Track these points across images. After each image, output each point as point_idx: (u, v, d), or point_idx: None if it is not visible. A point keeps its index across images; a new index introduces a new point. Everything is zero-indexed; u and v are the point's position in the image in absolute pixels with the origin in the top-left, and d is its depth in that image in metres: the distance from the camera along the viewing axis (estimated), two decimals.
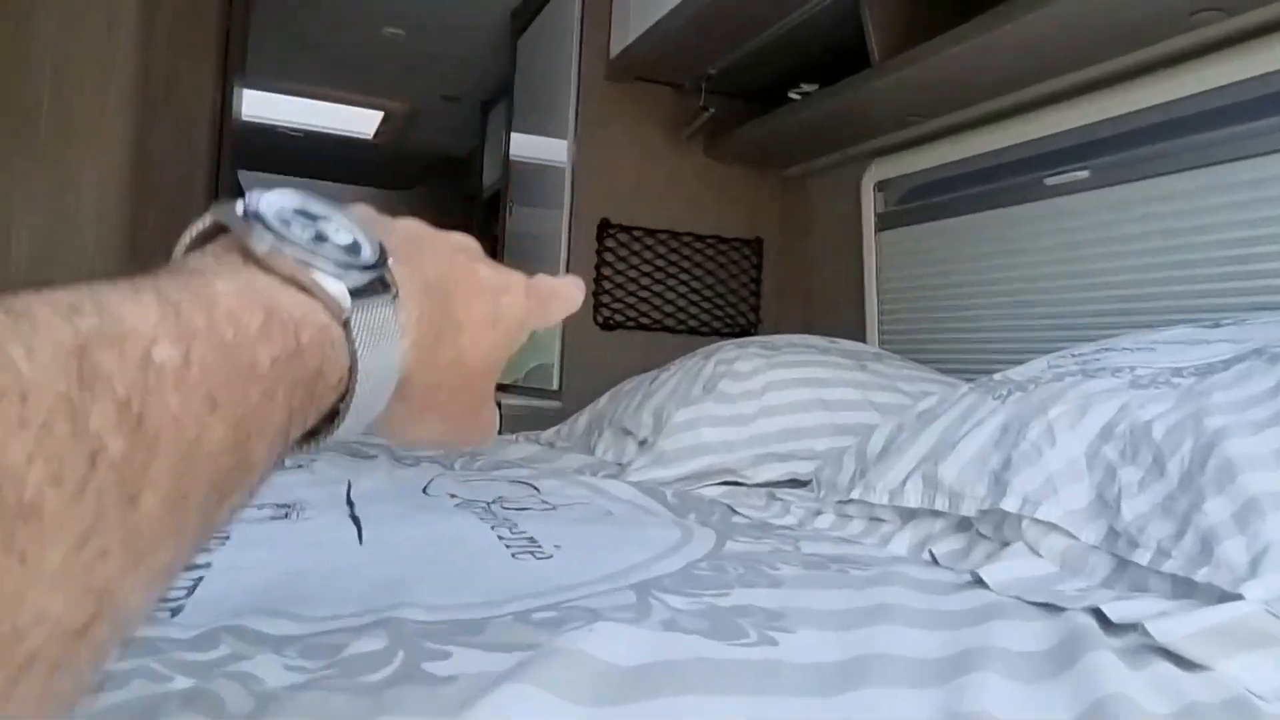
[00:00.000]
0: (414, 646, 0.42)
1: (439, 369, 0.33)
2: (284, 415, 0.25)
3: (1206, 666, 0.46)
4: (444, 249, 0.35)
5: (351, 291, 0.28)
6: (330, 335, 0.27)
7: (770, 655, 0.45)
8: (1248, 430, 0.62)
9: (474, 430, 0.38)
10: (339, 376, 0.28)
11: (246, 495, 0.24)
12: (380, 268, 0.29)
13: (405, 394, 0.32)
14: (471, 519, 0.81)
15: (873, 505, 0.90)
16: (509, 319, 0.36)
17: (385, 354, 0.29)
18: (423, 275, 0.32)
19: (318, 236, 0.28)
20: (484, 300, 0.35)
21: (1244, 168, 1.12)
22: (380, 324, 0.29)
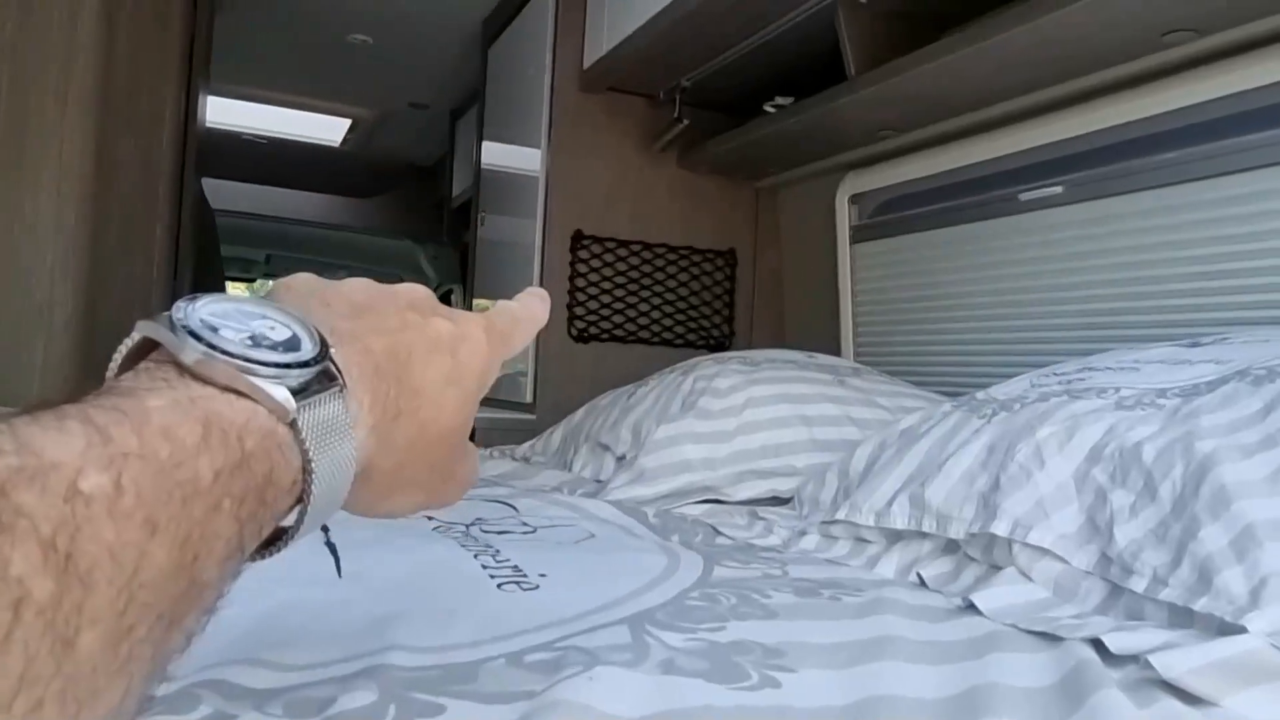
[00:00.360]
0: (405, 700, 0.40)
1: (402, 448, 0.32)
2: (233, 527, 0.23)
3: (1213, 703, 0.46)
4: (394, 309, 0.34)
5: (295, 390, 0.27)
6: (277, 438, 0.26)
7: (775, 700, 0.44)
8: (1238, 455, 0.62)
9: (450, 491, 0.38)
10: (291, 479, 0.26)
11: (202, 615, 0.23)
12: (322, 361, 0.28)
13: (369, 479, 0.31)
14: (452, 545, 0.78)
15: (858, 526, 0.89)
16: (472, 368, 0.35)
17: (339, 449, 0.28)
18: (372, 355, 0.31)
19: (253, 338, 0.27)
20: (442, 358, 0.34)
21: (1214, 185, 1.14)
22: (330, 419, 0.28)
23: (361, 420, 0.30)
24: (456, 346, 0.35)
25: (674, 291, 2.00)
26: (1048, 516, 0.71)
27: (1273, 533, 0.55)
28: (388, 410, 0.31)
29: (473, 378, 0.35)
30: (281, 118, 3.49)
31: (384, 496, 0.33)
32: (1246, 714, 0.44)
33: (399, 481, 0.33)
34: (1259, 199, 1.08)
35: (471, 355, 0.35)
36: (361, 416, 0.30)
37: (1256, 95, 1.09)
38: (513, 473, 1.37)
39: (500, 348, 0.38)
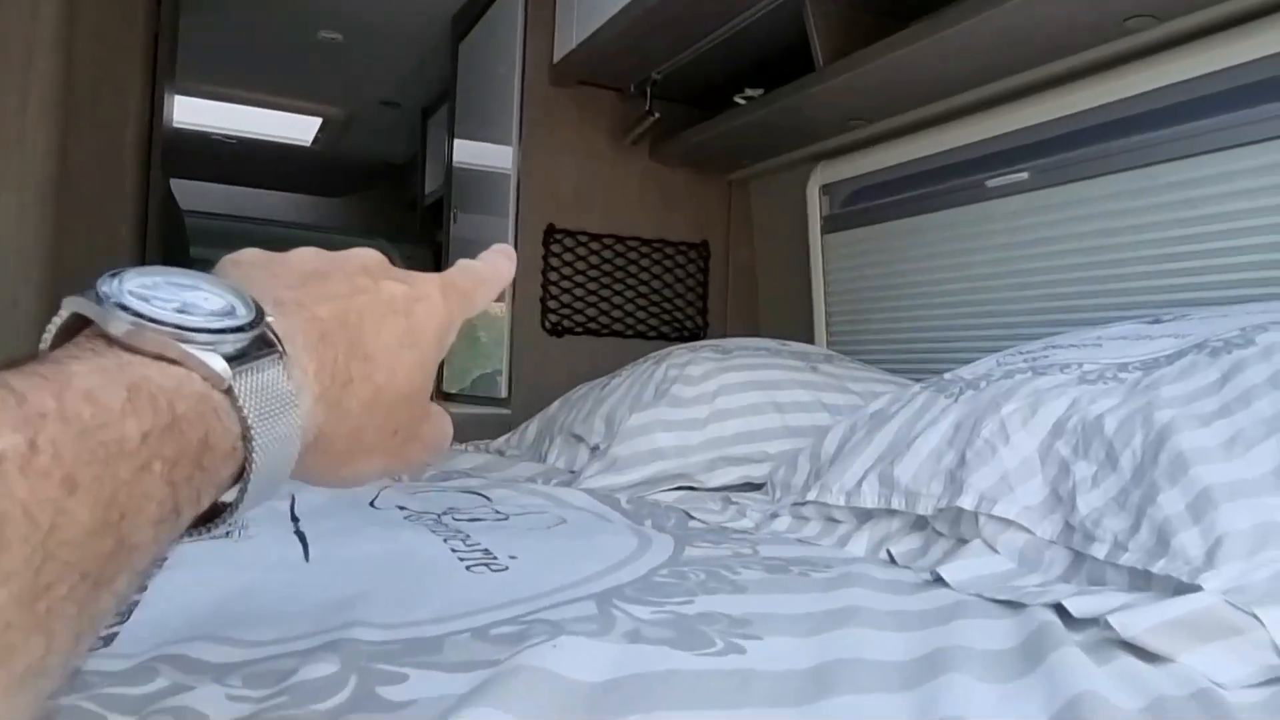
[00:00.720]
0: (367, 670, 0.40)
1: (356, 413, 0.32)
2: (165, 490, 0.23)
3: (1169, 659, 0.46)
4: (343, 275, 0.34)
5: (230, 357, 0.26)
6: (212, 403, 0.26)
7: (740, 664, 0.44)
8: (1196, 423, 0.63)
9: (416, 452, 0.37)
10: (230, 445, 0.26)
11: (134, 577, 0.22)
12: (257, 327, 0.28)
13: (325, 447, 0.31)
14: (423, 532, 0.78)
15: (829, 506, 0.89)
16: (428, 329, 0.35)
17: (282, 415, 0.28)
18: (318, 322, 0.31)
19: (184, 308, 0.26)
20: (396, 320, 0.34)
21: (1174, 169, 1.16)
22: (269, 385, 0.27)
23: (307, 387, 0.29)
24: (411, 308, 0.35)
25: (647, 284, 2.00)
26: (1012, 489, 0.72)
27: (1228, 495, 0.56)
28: (337, 376, 0.31)
29: (430, 338, 0.35)
30: (251, 117, 3.46)
31: (344, 463, 0.33)
32: (1202, 669, 0.45)
33: (359, 447, 0.33)
34: (1218, 181, 1.10)
35: (428, 316, 0.35)
36: (307, 383, 0.29)
37: (1213, 80, 1.10)
38: (486, 465, 1.36)
39: (460, 306, 0.38)
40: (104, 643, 0.43)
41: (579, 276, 1.94)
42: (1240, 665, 0.45)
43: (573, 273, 1.94)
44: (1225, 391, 0.66)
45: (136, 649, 0.41)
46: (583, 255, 1.94)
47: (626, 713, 0.36)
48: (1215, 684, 0.44)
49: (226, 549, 0.67)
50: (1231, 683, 0.44)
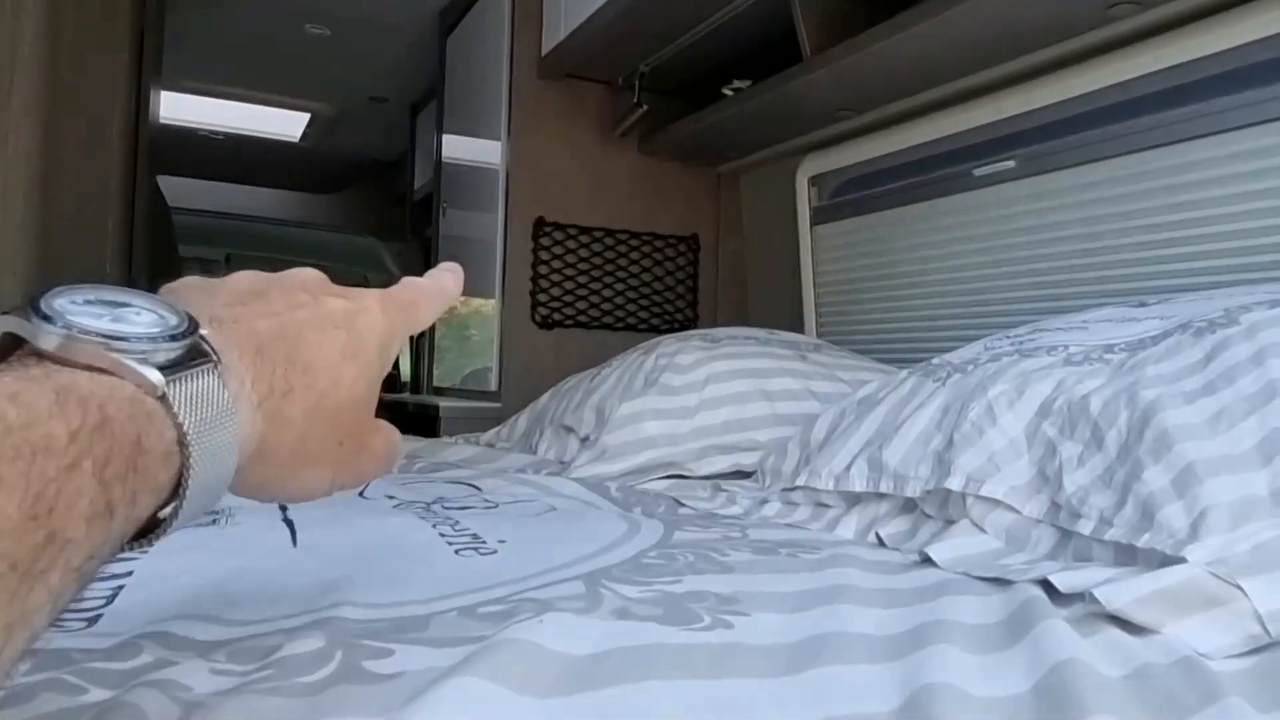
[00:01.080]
0: (354, 645, 0.40)
1: (298, 423, 0.32)
2: (96, 486, 0.23)
3: (1154, 630, 0.47)
4: (281, 292, 0.34)
5: (164, 366, 0.27)
6: (144, 407, 0.26)
7: (726, 639, 0.44)
8: (1181, 401, 0.64)
9: (365, 464, 0.37)
10: (165, 449, 0.26)
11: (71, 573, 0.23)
12: (189, 337, 0.28)
13: (269, 457, 0.32)
14: (411, 518, 0.78)
15: (818, 491, 0.90)
16: (370, 341, 0.36)
17: (218, 424, 0.28)
18: (255, 335, 0.31)
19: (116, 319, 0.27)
20: (336, 332, 0.34)
21: (1158, 155, 1.16)
22: (204, 393, 0.28)
23: (245, 397, 0.30)
24: (351, 321, 0.35)
25: (637, 277, 2.00)
26: (999, 470, 0.72)
27: (1212, 470, 0.56)
28: (276, 387, 0.31)
29: (372, 350, 0.36)
30: (238, 113, 3.44)
31: (290, 474, 0.33)
32: (1186, 639, 0.45)
33: (303, 457, 0.33)
34: (1202, 167, 1.11)
35: (369, 328, 0.36)
36: (245, 393, 0.30)
37: (1196, 66, 1.11)
38: (476, 457, 1.36)
39: (402, 319, 0.39)
40: (87, 624, 0.43)
41: (569, 270, 1.94)
42: (1224, 635, 0.46)
43: (562, 265, 1.94)
44: (1209, 370, 0.66)
45: (121, 628, 0.41)
46: (572, 248, 1.94)
47: (612, 683, 0.36)
48: (1199, 654, 0.44)
49: (213, 536, 0.67)
50: (1215, 652, 0.45)
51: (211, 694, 0.33)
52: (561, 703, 0.34)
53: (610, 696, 0.35)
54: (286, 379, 0.32)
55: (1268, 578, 0.47)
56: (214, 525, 0.72)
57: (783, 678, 0.39)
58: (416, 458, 1.33)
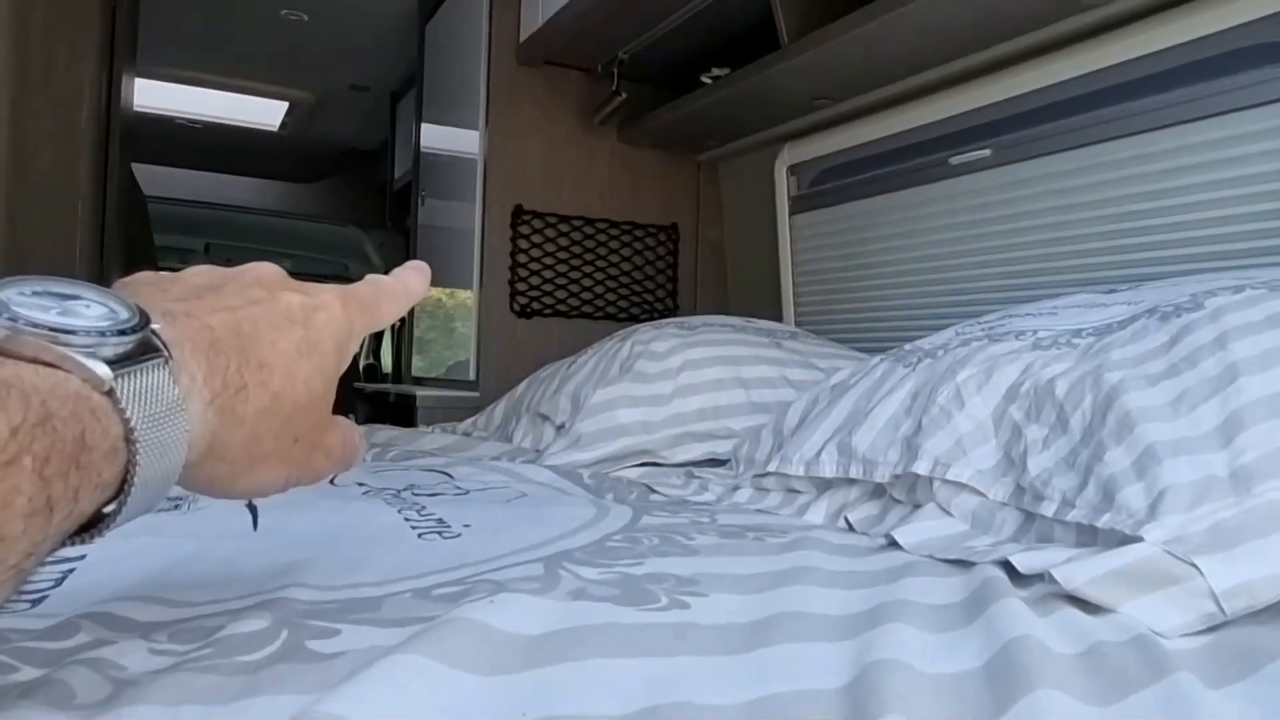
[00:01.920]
0: (299, 625, 0.39)
1: (252, 420, 0.32)
2: (35, 483, 0.23)
3: (1111, 609, 0.47)
4: (237, 287, 0.34)
5: (112, 361, 0.26)
6: (90, 403, 0.26)
7: (681, 619, 0.44)
8: (1144, 383, 0.64)
9: (321, 462, 0.37)
10: (110, 445, 0.26)
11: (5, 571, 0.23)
12: (139, 332, 0.28)
13: (221, 454, 0.31)
14: (378, 504, 0.77)
15: (789, 477, 0.90)
16: (327, 338, 0.35)
17: (167, 419, 0.28)
18: (209, 331, 0.31)
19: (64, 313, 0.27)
20: (293, 329, 0.34)
21: (1131, 144, 1.16)
22: (153, 388, 0.28)
23: (196, 393, 0.30)
24: (309, 317, 0.35)
25: (617, 266, 1.99)
26: (966, 454, 0.72)
27: (1172, 451, 0.56)
28: (229, 383, 0.31)
29: (329, 347, 0.35)
30: (216, 101, 3.40)
31: (243, 471, 0.33)
32: (1142, 618, 0.46)
33: (257, 454, 0.33)
34: (1173, 156, 1.11)
35: (326, 325, 0.35)
36: (196, 389, 0.30)
37: (1164, 57, 1.11)
38: (451, 446, 1.36)
39: (361, 316, 0.38)
40: (30, 604, 0.42)
41: (548, 259, 1.93)
42: (1179, 614, 0.46)
43: (541, 254, 1.93)
44: (1173, 353, 0.67)
45: (64, 609, 0.40)
46: (551, 237, 1.93)
47: (558, 661, 0.36)
48: (1154, 632, 0.44)
49: (173, 521, 0.66)
50: (1171, 631, 0.45)
51: (146, 673, 0.33)
52: (503, 680, 0.33)
53: (553, 674, 0.34)
54: (240, 376, 0.31)
55: (1224, 556, 0.47)
56: (176, 511, 0.71)
57: (732, 656, 0.38)
58: (391, 446, 1.32)
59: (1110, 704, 0.35)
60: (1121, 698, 0.35)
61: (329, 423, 0.37)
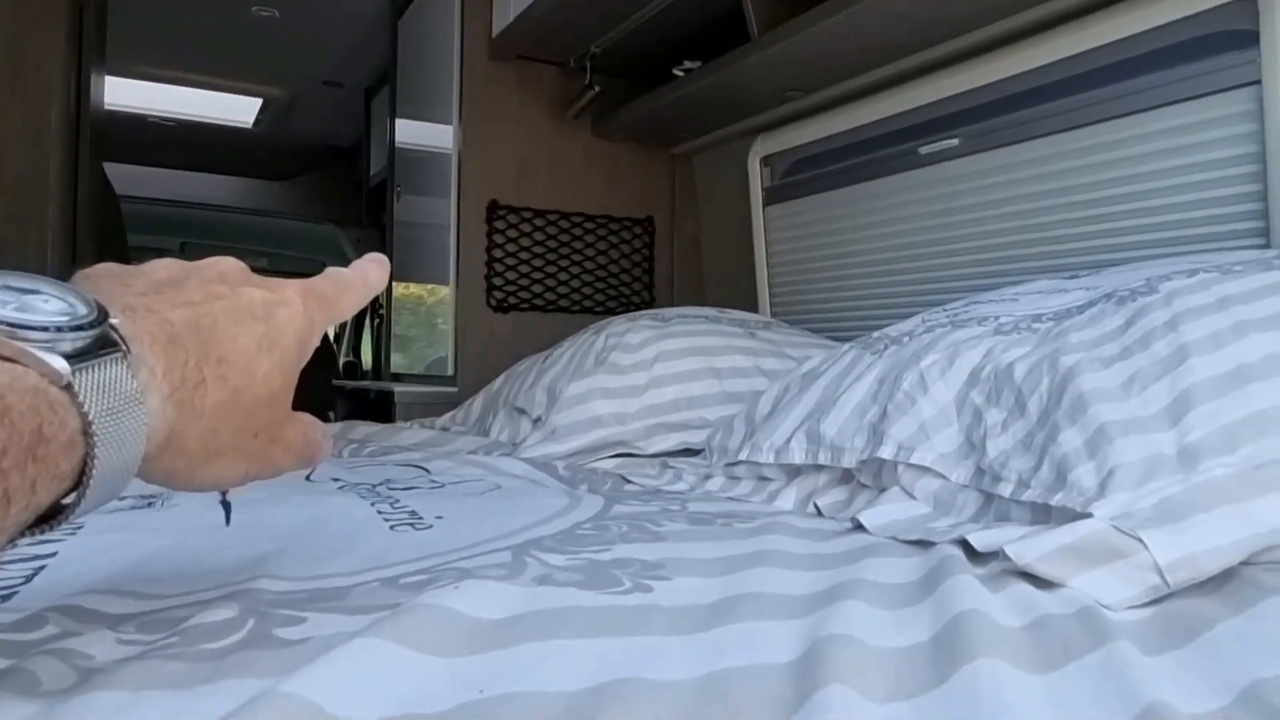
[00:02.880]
0: (266, 614, 0.40)
1: (210, 414, 0.32)
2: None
3: (1061, 584, 0.48)
4: (199, 282, 0.34)
5: (70, 355, 0.27)
6: (47, 397, 0.26)
7: (644, 601, 0.45)
8: (1098, 365, 0.65)
9: (280, 456, 0.38)
10: (68, 438, 0.27)
11: None
12: (98, 326, 0.28)
13: (180, 448, 0.32)
14: (352, 498, 0.78)
15: (760, 465, 0.91)
16: (288, 333, 0.36)
17: (125, 412, 0.28)
18: (168, 325, 0.31)
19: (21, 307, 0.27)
20: (253, 325, 0.34)
21: (1094, 131, 1.18)
22: (111, 382, 0.28)
23: (155, 387, 0.30)
24: (270, 312, 0.35)
25: (593, 260, 2.00)
26: (929, 438, 0.73)
27: (1122, 431, 0.58)
28: (188, 377, 0.31)
29: (289, 342, 0.36)
30: (190, 98, 3.38)
31: (202, 464, 0.34)
32: (1090, 591, 0.47)
33: (215, 447, 0.33)
34: (1135, 143, 1.13)
35: (287, 320, 0.36)
36: (155, 383, 0.30)
37: (1129, 44, 1.13)
38: (429, 441, 1.36)
39: (323, 311, 0.39)
40: (1, 599, 0.42)
41: (524, 253, 1.94)
42: (1125, 587, 0.47)
43: (517, 249, 1.93)
44: (1127, 336, 0.68)
45: (33, 604, 0.41)
46: (527, 231, 1.94)
47: (519, 643, 0.37)
48: (1101, 605, 0.46)
49: (146, 517, 0.67)
50: (1117, 603, 0.46)
51: (112, 661, 0.33)
52: (463, 661, 0.34)
53: (513, 655, 0.35)
54: (199, 370, 0.32)
55: (1169, 530, 0.49)
56: (149, 508, 0.71)
57: (689, 635, 0.39)
58: (368, 442, 1.33)
59: (1049, 672, 0.36)
60: (1061, 666, 0.37)
61: (289, 418, 0.38)
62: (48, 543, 0.56)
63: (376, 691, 0.30)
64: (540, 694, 0.32)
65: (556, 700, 0.31)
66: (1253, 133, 1.02)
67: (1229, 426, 0.56)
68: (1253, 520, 0.50)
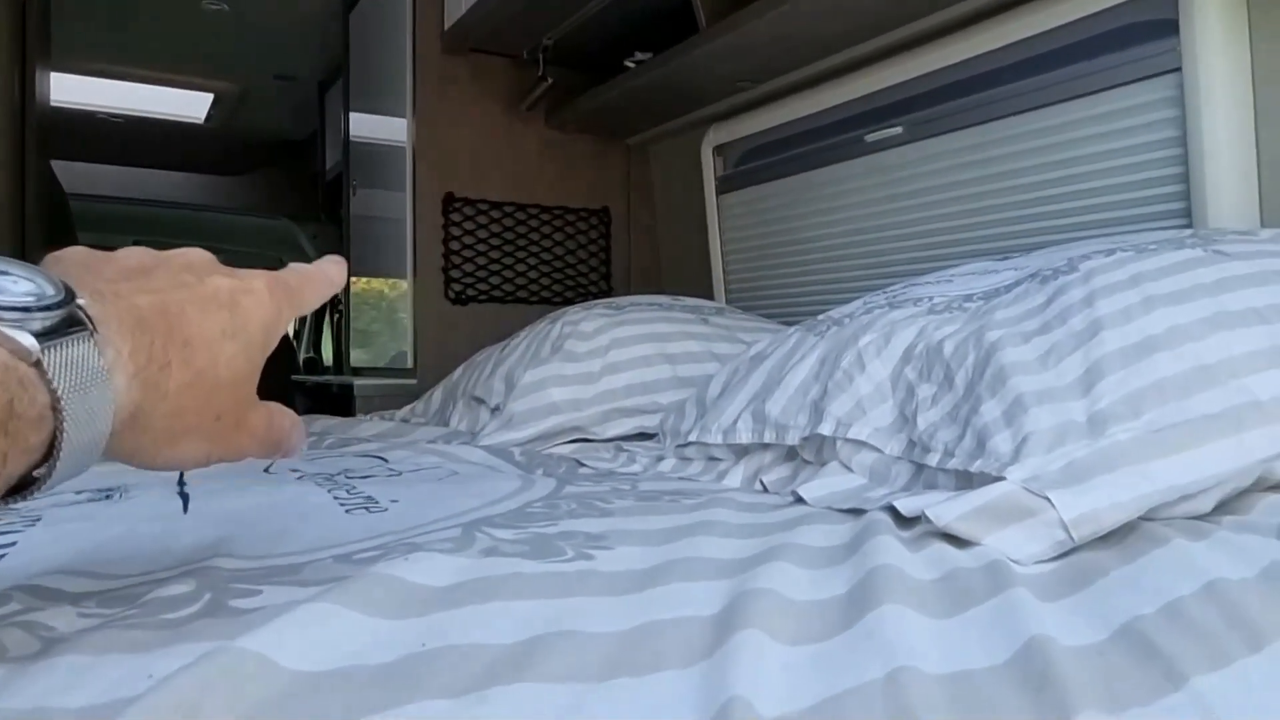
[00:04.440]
0: (223, 589, 0.42)
1: (175, 395, 0.34)
2: None
3: (976, 542, 0.52)
4: (167, 271, 0.36)
5: (39, 334, 0.28)
6: (17, 373, 0.27)
7: (584, 568, 0.47)
8: (1019, 340, 0.69)
9: (244, 440, 0.39)
10: (37, 413, 0.28)
11: None
12: (65, 306, 0.29)
13: (144, 425, 0.33)
14: (310, 486, 0.80)
15: (709, 446, 0.94)
16: (253, 321, 0.37)
17: (93, 389, 0.30)
18: (135, 309, 0.33)
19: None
20: (219, 312, 0.36)
21: (1029, 119, 1.23)
22: (79, 360, 0.29)
23: (121, 366, 0.31)
24: (236, 300, 0.37)
25: (550, 251, 2.02)
26: (866, 413, 0.77)
27: (1037, 400, 0.62)
28: (154, 358, 0.33)
29: (255, 329, 0.37)
30: (139, 94, 3.33)
31: (165, 443, 0.35)
32: (1002, 548, 0.51)
33: (180, 428, 0.35)
34: (1068, 129, 1.18)
35: (253, 309, 0.37)
36: (121, 362, 0.31)
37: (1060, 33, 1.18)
38: (388, 432, 1.37)
39: (288, 302, 0.40)
40: None
41: (481, 245, 1.95)
42: (1034, 543, 0.51)
43: (474, 241, 1.94)
44: (1047, 312, 0.72)
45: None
46: (483, 223, 1.95)
47: (463, 605, 0.39)
48: (1011, 560, 0.49)
49: (104, 508, 0.68)
50: (1026, 559, 0.50)
51: (74, 632, 0.35)
52: (409, 622, 0.37)
53: (455, 615, 0.38)
54: (165, 352, 0.33)
55: (1074, 489, 0.53)
56: (108, 500, 0.73)
57: (623, 596, 0.42)
58: (327, 435, 1.34)
59: (949, 617, 0.39)
60: (961, 611, 0.40)
61: (254, 404, 0.39)
62: (6, 534, 0.57)
63: (325, 646, 0.33)
64: (478, 646, 0.34)
65: (492, 651, 0.34)
66: (1174, 118, 1.07)
67: (1134, 394, 0.60)
68: (1152, 479, 0.54)
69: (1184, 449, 0.56)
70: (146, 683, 0.29)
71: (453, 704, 0.29)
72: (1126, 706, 0.30)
